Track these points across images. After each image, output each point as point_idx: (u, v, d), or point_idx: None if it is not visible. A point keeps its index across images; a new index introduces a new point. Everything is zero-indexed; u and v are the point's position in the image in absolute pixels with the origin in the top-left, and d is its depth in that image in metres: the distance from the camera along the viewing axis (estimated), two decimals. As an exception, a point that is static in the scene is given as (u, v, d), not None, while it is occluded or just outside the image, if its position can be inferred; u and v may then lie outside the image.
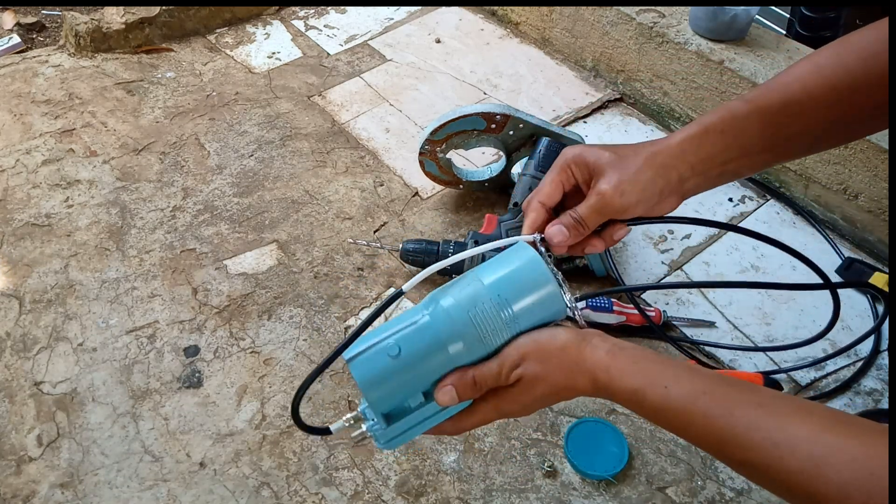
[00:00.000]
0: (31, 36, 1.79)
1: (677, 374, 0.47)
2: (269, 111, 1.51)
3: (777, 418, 0.42)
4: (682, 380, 0.47)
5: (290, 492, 0.92)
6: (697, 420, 0.45)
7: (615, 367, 0.49)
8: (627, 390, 0.48)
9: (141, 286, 1.17)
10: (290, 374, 1.04)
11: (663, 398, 0.47)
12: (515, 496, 0.91)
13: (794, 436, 0.41)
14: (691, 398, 0.46)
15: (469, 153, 1.41)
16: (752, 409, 0.43)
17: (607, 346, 0.50)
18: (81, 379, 1.04)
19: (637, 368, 0.48)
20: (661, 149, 0.54)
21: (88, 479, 0.93)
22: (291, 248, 1.22)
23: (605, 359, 0.49)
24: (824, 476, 0.39)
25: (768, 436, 0.42)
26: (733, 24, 1.28)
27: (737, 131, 0.53)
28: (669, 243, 1.21)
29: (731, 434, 0.43)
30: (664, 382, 0.47)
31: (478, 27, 1.74)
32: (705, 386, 0.46)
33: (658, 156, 0.54)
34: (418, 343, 0.52)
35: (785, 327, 1.07)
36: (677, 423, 0.47)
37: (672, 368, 0.48)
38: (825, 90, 0.52)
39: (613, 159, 0.54)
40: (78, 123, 1.48)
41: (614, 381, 0.49)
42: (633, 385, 0.48)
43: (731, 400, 0.44)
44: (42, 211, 1.29)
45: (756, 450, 0.42)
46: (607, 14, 1.46)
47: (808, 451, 0.40)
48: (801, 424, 0.41)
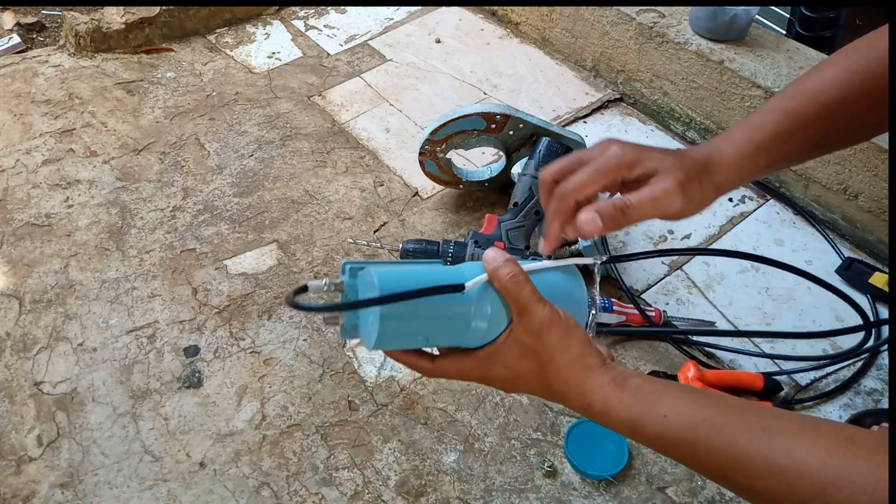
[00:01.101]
0: (31, 36, 1.79)
1: (676, 401, 0.46)
2: (269, 111, 1.51)
3: (782, 442, 0.41)
4: (681, 408, 0.46)
5: (290, 492, 0.92)
6: (700, 449, 0.44)
7: (614, 397, 0.48)
8: (624, 421, 0.47)
9: (141, 286, 1.17)
10: (290, 374, 1.04)
11: (663, 427, 0.46)
12: (515, 496, 0.91)
13: (800, 461, 0.40)
14: (691, 427, 0.45)
15: (469, 153, 1.41)
16: (756, 436, 0.42)
17: (611, 376, 0.49)
18: (81, 379, 1.04)
19: (635, 399, 0.47)
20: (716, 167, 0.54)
21: (88, 479, 0.93)
22: (291, 248, 1.22)
23: (606, 387, 0.48)
24: (834, 502, 0.38)
25: (774, 462, 0.41)
26: (733, 24, 1.28)
27: (782, 147, 0.54)
28: (669, 243, 1.21)
29: (736, 462, 0.42)
30: (663, 412, 0.46)
31: (478, 27, 1.74)
32: (706, 413, 0.45)
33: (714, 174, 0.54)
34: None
35: (785, 327, 1.07)
36: (679, 452, 0.46)
37: (671, 395, 0.47)
38: (861, 96, 0.53)
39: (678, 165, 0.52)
40: (78, 123, 1.48)
41: (610, 412, 0.48)
42: (631, 415, 0.47)
43: (733, 426, 0.43)
44: (42, 211, 1.29)
45: (762, 477, 0.41)
46: (607, 14, 1.46)
47: (816, 476, 0.39)
48: (808, 447, 0.40)
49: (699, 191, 0.53)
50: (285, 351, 1.07)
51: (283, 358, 1.06)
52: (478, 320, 0.51)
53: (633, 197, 0.51)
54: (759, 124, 0.55)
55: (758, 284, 1.13)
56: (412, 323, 0.50)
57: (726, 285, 1.14)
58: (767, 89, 1.22)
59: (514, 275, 0.50)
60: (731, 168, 0.54)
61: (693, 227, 1.23)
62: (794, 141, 0.55)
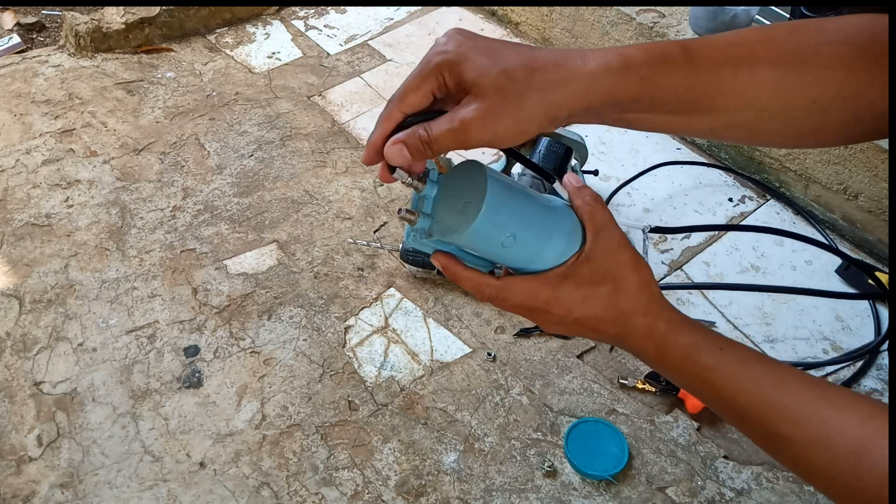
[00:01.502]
0: (31, 36, 1.79)
1: (730, 342, 0.47)
2: (269, 111, 1.51)
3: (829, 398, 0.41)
4: (735, 345, 0.46)
5: (290, 492, 0.91)
6: (748, 385, 0.44)
7: (677, 321, 0.48)
8: (683, 344, 0.47)
9: (141, 286, 1.17)
10: (290, 374, 1.04)
11: (717, 359, 0.46)
12: (515, 496, 0.91)
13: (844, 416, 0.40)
14: (745, 362, 0.45)
15: (469, 153, 1.40)
16: (804, 386, 0.42)
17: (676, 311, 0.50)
18: (81, 379, 1.04)
19: (696, 327, 0.48)
20: (563, 79, 0.43)
21: (88, 479, 0.93)
22: (291, 248, 1.22)
23: (670, 311, 0.49)
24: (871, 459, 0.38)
25: (819, 412, 0.41)
26: (733, 24, 1.28)
27: (661, 80, 0.44)
28: (669, 243, 1.21)
29: (781, 405, 0.42)
30: (719, 345, 0.46)
31: (478, 27, 1.74)
32: (759, 355, 0.46)
33: (558, 89, 0.43)
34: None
35: (785, 327, 1.07)
36: (725, 389, 0.45)
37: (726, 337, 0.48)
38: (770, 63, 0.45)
39: (497, 82, 0.42)
40: (78, 123, 1.48)
41: (671, 334, 0.48)
42: (690, 340, 0.47)
43: (783, 371, 0.44)
44: (42, 211, 1.29)
45: (803, 427, 0.41)
46: (607, 14, 1.46)
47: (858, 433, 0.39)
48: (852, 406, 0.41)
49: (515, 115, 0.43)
50: (285, 351, 1.07)
51: (283, 358, 1.06)
52: (558, 235, 0.49)
53: (434, 126, 0.44)
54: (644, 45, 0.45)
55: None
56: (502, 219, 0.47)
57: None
58: (767, 89, 1.22)
59: (596, 196, 0.50)
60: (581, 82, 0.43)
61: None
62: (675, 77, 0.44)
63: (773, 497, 0.90)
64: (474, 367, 1.05)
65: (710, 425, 0.97)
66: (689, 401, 0.97)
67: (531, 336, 1.08)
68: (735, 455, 0.94)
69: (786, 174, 1.27)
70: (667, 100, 0.45)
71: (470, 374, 1.04)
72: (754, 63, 0.45)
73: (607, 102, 0.44)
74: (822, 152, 1.18)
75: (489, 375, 1.04)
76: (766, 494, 0.90)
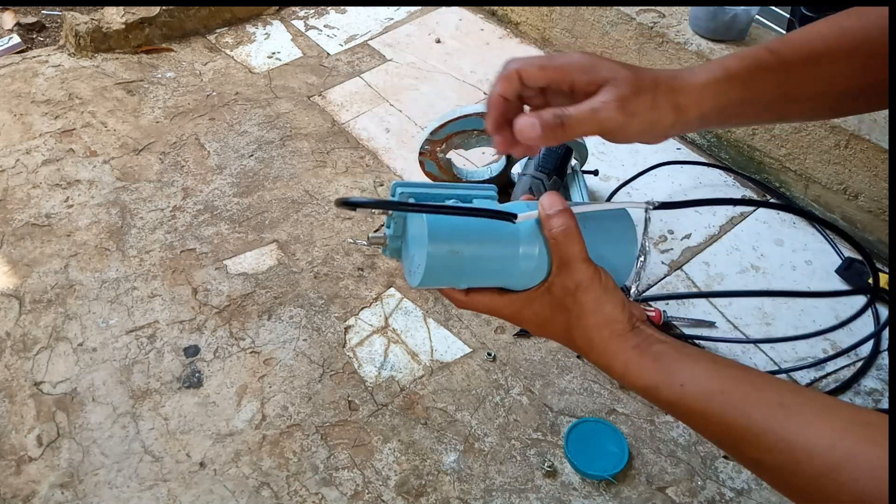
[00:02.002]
0: (31, 36, 1.79)
1: (696, 372, 0.46)
2: (269, 111, 1.51)
3: (797, 420, 0.41)
4: (699, 378, 0.46)
5: (290, 492, 0.91)
6: (713, 420, 0.44)
7: (634, 363, 0.48)
8: (641, 386, 0.48)
9: (141, 286, 1.17)
10: (290, 374, 1.04)
11: (679, 396, 0.46)
12: (515, 496, 0.91)
13: (813, 440, 0.40)
14: (707, 398, 0.45)
15: (469, 153, 1.41)
16: (771, 411, 0.42)
17: (637, 341, 0.49)
18: (81, 379, 1.04)
19: (656, 366, 0.47)
20: (681, 86, 0.49)
21: (88, 479, 0.93)
22: (291, 248, 1.22)
23: (627, 352, 0.48)
24: (841, 483, 0.38)
25: (785, 438, 0.41)
26: (733, 24, 1.28)
27: (758, 84, 0.51)
28: (669, 243, 1.21)
29: (748, 435, 0.43)
30: (680, 381, 0.46)
31: (478, 27, 1.74)
32: (723, 385, 0.45)
33: (678, 94, 0.49)
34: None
35: (785, 327, 1.07)
36: (692, 421, 0.46)
37: (692, 365, 0.46)
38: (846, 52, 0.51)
39: (630, 78, 0.48)
40: (78, 123, 1.48)
41: (629, 375, 0.48)
42: (647, 383, 0.47)
43: (749, 400, 0.43)
44: (42, 211, 1.29)
45: (772, 452, 0.41)
46: (607, 14, 1.46)
47: (826, 457, 0.39)
48: (822, 427, 0.40)
49: (649, 109, 0.48)
50: (285, 351, 1.07)
51: (283, 358, 1.06)
52: (525, 262, 0.51)
53: (572, 108, 0.48)
54: (737, 55, 0.51)
55: (758, 284, 1.13)
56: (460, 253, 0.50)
57: (726, 285, 1.14)
58: (767, 89, 1.22)
59: (567, 228, 0.49)
60: (694, 92, 0.49)
61: (693, 227, 1.23)
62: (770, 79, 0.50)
63: (773, 497, 0.90)
64: (474, 367, 1.05)
65: (710, 425, 0.97)
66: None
67: (531, 336, 1.08)
68: (735, 455, 0.94)
69: (786, 174, 1.27)
70: (764, 99, 0.51)
71: (470, 374, 1.04)
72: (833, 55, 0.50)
73: (716, 107, 0.50)
74: (822, 152, 1.18)
75: (489, 375, 1.04)
76: (766, 494, 0.90)
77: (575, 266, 0.49)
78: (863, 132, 1.11)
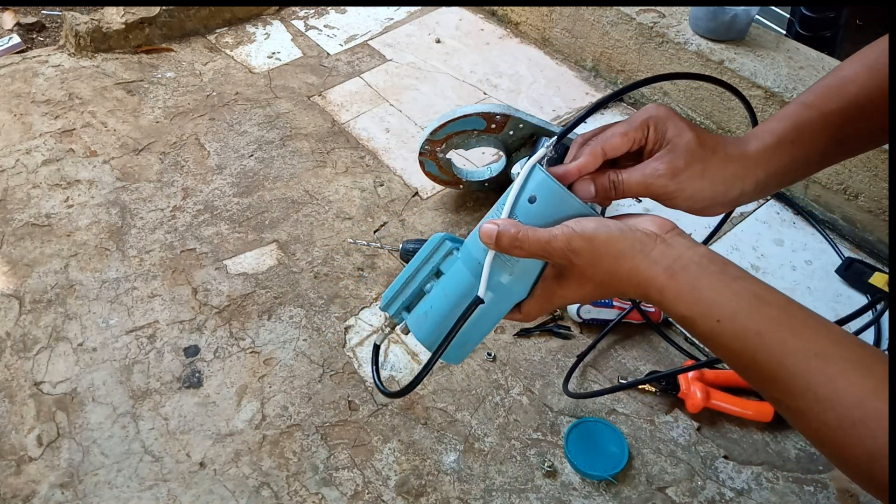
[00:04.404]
0: (31, 36, 1.79)
1: (734, 307, 0.45)
2: (269, 111, 1.51)
3: (830, 372, 0.41)
4: (737, 316, 0.44)
5: (290, 492, 0.92)
6: (744, 358, 0.44)
7: (670, 289, 0.46)
8: (677, 315, 0.47)
9: (141, 286, 1.17)
10: (290, 374, 1.04)
11: (712, 331, 0.45)
12: (515, 496, 0.91)
13: (840, 394, 0.40)
14: (742, 338, 0.44)
15: (469, 153, 1.41)
16: (805, 360, 0.42)
17: (667, 262, 0.47)
18: (81, 379, 1.04)
19: (693, 296, 0.46)
20: (737, 155, 0.52)
21: (88, 479, 0.93)
22: (291, 248, 1.22)
23: (661, 278, 0.47)
24: (858, 437, 0.39)
25: (813, 388, 0.41)
26: (733, 24, 1.28)
27: (807, 142, 0.53)
28: (669, 243, 1.21)
29: (776, 378, 0.43)
30: (717, 316, 0.45)
31: (478, 27, 1.74)
32: (760, 326, 0.44)
33: (733, 164, 0.52)
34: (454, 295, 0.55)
35: (785, 327, 1.07)
36: (724, 355, 0.46)
37: (732, 299, 0.45)
38: (883, 91, 0.52)
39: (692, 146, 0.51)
40: (78, 123, 1.48)
41: (665, 302, 0.47)
42: (684, 312, 0.46)
43: (785, 347, 0.43)
44: (42, 211, 1.29)
45: (798, 398, 0.42)
46: (607, 14, 1.46)
47: (849, 411, 0.39)
48: (852, 382, 0.40)
49: (700, 180, 0.51)
50: (285, 351, 1.07)
51: (283, 358, 1.06)
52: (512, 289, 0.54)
53: (625, 174, 0.51)
54: (781, 117, 0.54)
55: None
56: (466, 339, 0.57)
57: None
58: (767, 89, 1.22)
59: (512, 239, 0.50)
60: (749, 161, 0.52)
61: (693, 227, 1.23)
62: (815, 133, 0.53)
63: (773, 497, 0.90)
64: (474, 367, 1.05)
65: (710, 425, 0.97)
66: (689, 401, 0.97)
67: (531, 336, 1.08)
68: (735, 455, 0.94)
69: (786, 174, 1.27)
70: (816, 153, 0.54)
71: (470, 374, 1.04)
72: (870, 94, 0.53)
73: (771, 172, 0.53)
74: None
75: (489, 375, 1.04)
76: (766, 494, 0.90)
77: (550, 248, 0.49)
78: (863, 132, 1.11)
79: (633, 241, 0.48)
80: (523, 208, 0.52)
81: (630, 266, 0.48)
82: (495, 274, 0.53)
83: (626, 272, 0.48)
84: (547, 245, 0.49)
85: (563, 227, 0.49)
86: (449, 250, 0.58)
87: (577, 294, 0.52)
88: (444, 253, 0.58)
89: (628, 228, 0.48)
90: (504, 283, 0.54)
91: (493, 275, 0.53)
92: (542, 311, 0.56)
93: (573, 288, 0.52)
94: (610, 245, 0.48)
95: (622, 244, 0.48)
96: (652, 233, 0.48)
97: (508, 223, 0.50)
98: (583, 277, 0.50)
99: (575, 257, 0.49)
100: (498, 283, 0.54)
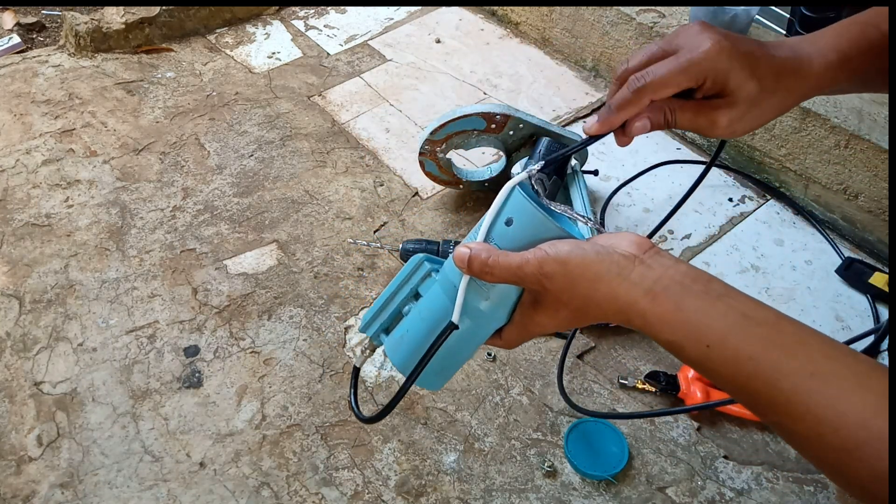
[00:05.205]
0: (31, 36, 1.79)
1: (723, 330, 0.43)
2: (269, 111, 1.51)
3: (828, 392, 0.39)
4: (727, 341, 0.42)
5: (290, 492, 0.92)
6: (739, 383, 0.42)
7: (652, 313, 0.44)
8: (663, 340, 0.45)
9: (141, 286, 1.17)
10: (290, 374, 1.04)
11: (702, 357, 0.43)
12: (515, 496, 0.91)
13: (841, 415, 0.38)
14: (733, 363, 0.42)
15: (469, 153, 1.41)
16: (801, 381, 0.40)
17: (647, 285, 0.44)
18: (81, 379, 1.04)
19: (678, 318, 0.44)
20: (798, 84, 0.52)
21: (88, 479, 0.93)
22: (291, 248, 1.22)
23: (642, 302, 0.44)
24: (863, 460, 0.37)
25: (813, 410, 0.39)
26: (733, 24, 1.28)
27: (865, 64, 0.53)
28: (669, 243, 1.21)
29: (773, 403, 0.41)
30: (706, 341, 0.43)
31: (478, 27, 1.74)
32: (752, 349, 0.42)
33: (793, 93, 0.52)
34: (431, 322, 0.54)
35: (785, 327, 1.07)
36: (717, 380, 0.44)
37: (720, 320, 0.43)
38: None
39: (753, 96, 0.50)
40: (78, 123, 1.48)
41: (649, 327, 0.45)
42: (669, 337, 0.44)
43: (779, 369, 0.41)
44: (42, 211, 1.29)
45: (798, 422, 0.40)
46: (607, 14, 1.46)
47: (853, 433, 0.38)
48: (854, 402, 0.38)
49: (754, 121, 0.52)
50: (285, 351, 1.07)
51: (283, 358, 1.06)
52: (490, 315, 0.53)
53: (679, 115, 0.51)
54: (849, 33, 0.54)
55: (758, 284, 1.13)
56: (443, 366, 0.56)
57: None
58: (767, 89, 1.22)
59: (483, 265, 0.48)
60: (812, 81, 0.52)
61: (693, 227, 1.23)
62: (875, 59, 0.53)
63: (773, 497, 0.90)
64: (474, 367, 1.05)
65: (710, 425, 0.97)
66: (688, 401, 0.97)
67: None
68: (735, 455, 0.94)
69: (786, 174, 1.27)
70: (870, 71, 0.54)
71: (470, 374, 1.04)
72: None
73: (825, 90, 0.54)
74: (821, 152, 1.18)
75: (489, 375, 1.04)
76: (766, 494, 0.90)
77: (522, 273, 0.47)
78: (863, 132, 1.11)
79: (611, 264, 0.46)
80: (500, 231, 0.50)
81: (607, 290, 0.45)
82: (472, 299, 0.51)
83: (604, 296, 0.46)
84: (518, 270, 0.47)
85: (536, 251, 0.47)
86: (427, 272, 0.55)
87: (553, 321, 0.50)
88: (422, 275, 0.56)
89: (605, 251, 0.46)
90: (482, 308, 0.52)
91: (470, 300, 0.51)
92: (522, 339, 0.54)
93: (549, 314, 0.49)
94: (585, 268, 0.46)
95: (598, 267, 0.45)
96: (630, 254, 0.46)
97: (481, 248, 0.48)
98: (558, 303, 0.48)
99: (548, 282, 0.47)
100: (475, 309, 0.52)
